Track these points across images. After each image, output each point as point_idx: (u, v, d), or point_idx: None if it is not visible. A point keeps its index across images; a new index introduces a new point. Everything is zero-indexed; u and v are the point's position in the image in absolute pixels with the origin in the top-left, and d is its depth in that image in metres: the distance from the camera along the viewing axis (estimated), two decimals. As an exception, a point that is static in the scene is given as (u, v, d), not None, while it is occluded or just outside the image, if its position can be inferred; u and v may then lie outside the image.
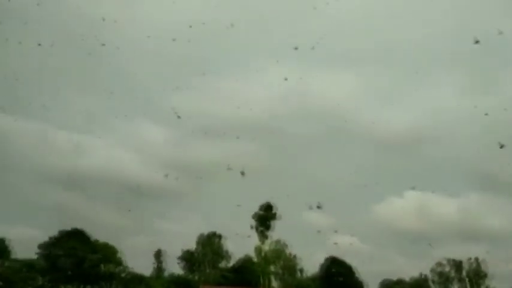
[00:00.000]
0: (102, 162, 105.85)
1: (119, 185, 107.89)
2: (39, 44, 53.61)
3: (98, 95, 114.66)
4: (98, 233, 75.70)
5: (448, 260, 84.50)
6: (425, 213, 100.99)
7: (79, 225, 72.88)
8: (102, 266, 71.04)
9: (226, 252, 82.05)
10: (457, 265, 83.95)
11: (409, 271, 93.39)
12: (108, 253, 72.17)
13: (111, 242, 75.97)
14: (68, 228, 71.84)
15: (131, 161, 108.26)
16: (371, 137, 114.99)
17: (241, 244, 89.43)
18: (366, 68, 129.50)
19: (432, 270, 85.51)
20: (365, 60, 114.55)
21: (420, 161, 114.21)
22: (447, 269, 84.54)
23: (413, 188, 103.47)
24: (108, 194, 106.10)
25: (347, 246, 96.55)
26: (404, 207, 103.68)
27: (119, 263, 74.07)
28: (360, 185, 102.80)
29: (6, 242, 72.28)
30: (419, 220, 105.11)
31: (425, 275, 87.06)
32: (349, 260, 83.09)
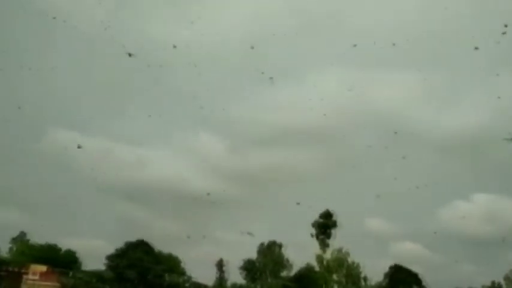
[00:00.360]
0: (164, 174, 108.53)
1: (180, 195, 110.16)
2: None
3: (158, 108, 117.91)
4: (161, 244, 77.80)
5: (524, 267, 79.60)
6: (494, 217, 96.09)
7: (143, 236, 75.18)
8: (166, 276, 72.71)
9: (287, 261, 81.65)
10: (534, 272, 78.90)
11: (480, 279, 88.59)
12: (171, 264, 73.82)
13: (174, 253, 77.87)
14: (133, 239, 74.21)
15: (191, 172, 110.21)
16: (433, 140, 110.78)
17: (301, 253, 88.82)
18: (425, 69, 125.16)
19: (506, 278, 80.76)
20: (424, 61, 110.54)
21: (487, 162, 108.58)
22: (523, 276, 79.62)
23: (480, 191, 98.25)
24: (170, 205, 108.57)
25: (412, 254, 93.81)
26: (472, 211, 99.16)
27: (182, 273, 75.54)
28: (424, 189, 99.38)
29: (77, 254, 75.72)
30: (489, 224, 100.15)
31: (499, 283, 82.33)
32: (414, 267, 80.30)
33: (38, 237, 75.38)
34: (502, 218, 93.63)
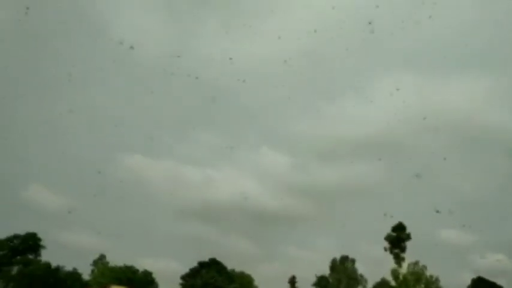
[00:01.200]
0: (231, 193, 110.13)
1: (248, 214, 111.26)
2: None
3: (223, 129, 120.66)
4: (232, 263, 78.57)
5: None
6: None
7: (215, 255, 76.26)
8: (239, 294, 73.15)
9: (361, 276, 79.55)
10: None
11: None
12: (244, 282, 74.18)
13: (246, 271, 78.23)
14: (205, 259, 75.48)
15: (259, 190, 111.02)
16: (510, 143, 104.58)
17: (374, 267, 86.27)
18: (498, 70, 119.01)
19: None
20: (497, 62, 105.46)
21: None
22: None
23: None
24: (239, 223, 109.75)
25: (495, 265, 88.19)
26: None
27: (255, 290, 75.72)
28: (505, 197, 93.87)
29: (153, 275, 77.99)
30: None
31: None
32: (499, 280, 75.53)
33: (117, 259, 78.76)
34: None
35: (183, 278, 74.24)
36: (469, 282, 76.93)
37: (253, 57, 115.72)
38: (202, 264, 74.67)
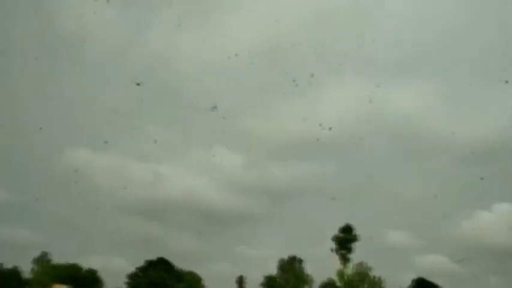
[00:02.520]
0: (181, 190, 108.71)
1: (198, 212, 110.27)
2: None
3: (173, 124, 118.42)
4: (180, 262, 77.79)
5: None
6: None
7: (163, 254, 75.30)
8: (187, 294, 72.68)
9: (308, 276, 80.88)
10: (561, 284, 77.08)
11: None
12: (193, 281, 73.73)
13: (195, 270, 77.74)
14: (153, 257, 74.36)
15: (209, 188, 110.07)
16: (452, 149, 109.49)
17: (322, 268, 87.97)
18: (442, 76, 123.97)
19: (533, 290, 79.11)
20: (441, 69, 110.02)
21: (508, 171, 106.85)
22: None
23: (502, 200, 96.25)
24: (188, 222, 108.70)
25: (435, 266, 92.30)
26: (495, 221, 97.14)
27: (203, 290, 75.47)
28: (445, 200, 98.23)
29: (98, 273, 76.06)
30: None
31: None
32: (438, 280, 79.06)
33: (60, 256, 76.14)
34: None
35: (129, 277, 72.82)
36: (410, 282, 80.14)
37: (206, 51, 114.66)
38: (150, 263, 73.49)
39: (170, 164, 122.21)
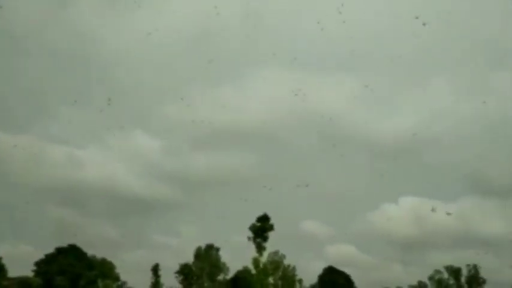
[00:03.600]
0: (98, 176, 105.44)
1: (115, 198, 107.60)
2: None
3: (93, 108, 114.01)
4: (94, 249, 75.51)
5: (447, 267, 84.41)
6: (420, 220, 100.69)
7: (76, 241, 72.46)
8: (99, 282, 70.59)
9: (224, 264, 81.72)
10: (456, 272, 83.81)
11: (407, 279, 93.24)
12: (105, 269, 71.79)
13: (108, 258, 75.73)
14: (64, 244, 71.37)
15: (127, 174, 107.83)
16: (368, 143, 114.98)
17: (239, 256, 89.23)
18: (362, 73, 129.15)
19: (431, 278, 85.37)
20: (362, 66, 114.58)
21: (417, 166, 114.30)
22: (445, 276, 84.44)
23: (407, 194, 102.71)
24: (105, 208, 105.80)
25: (345, 255, 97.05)
26: (400, 214, 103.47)
27: (116, 278, 73.69)
28: (358, 193, 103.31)
29: (2, 260, 71.60)
30: (415, 227, 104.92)
31: (424, 283, 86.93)
32: (347, 269, 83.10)
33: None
34: (426, 221, 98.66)
35: (37, 264, 69.31)
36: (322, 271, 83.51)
37: (129, 33, 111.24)
38: (59, 250, 70.37)
39: (89, 148, 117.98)
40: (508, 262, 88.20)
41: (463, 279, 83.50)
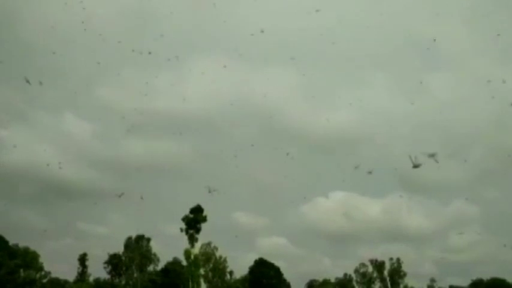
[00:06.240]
0: (23, 158, 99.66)
1: (41, 183, 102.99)
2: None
3: (19, 85, 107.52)
4: (17, 237, 72.13)
5: (371, 261, 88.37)
6: (350, 214, 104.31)
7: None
8: (21, 272, 67.69)
9: (155, 255, 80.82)
10: (379, 265, 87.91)
11: (335, 271, 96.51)
12: (28, 258, 68.84)
13: (32, 246, 72.57)
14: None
15: (54, 158, 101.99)
16: (304, 137, 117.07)
17: (171, 247, 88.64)
18: (303, 67, 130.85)
19: (356, 271, 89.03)
20: (302, 59, 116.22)
21: (350, 161, 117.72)
22: (370, 269, 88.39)
23: (339, 188, 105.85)
24: (30, 193, 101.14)
25: (277, 247, 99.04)
26: (330, 208, 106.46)
27: (40, 268, 70.96)
28: (291, 185, 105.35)
29: None
30: (345, 221, 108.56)
31: (350, 276, 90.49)
32: (278, 261, 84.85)
33: None
34: (355, 215, 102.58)
35: (-49, 252, 65.43)
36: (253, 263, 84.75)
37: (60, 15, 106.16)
38: (-22, 238, 66.94)
39: (13, 128, 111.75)
40: (428, 255, 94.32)
41: (386, 272, 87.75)
